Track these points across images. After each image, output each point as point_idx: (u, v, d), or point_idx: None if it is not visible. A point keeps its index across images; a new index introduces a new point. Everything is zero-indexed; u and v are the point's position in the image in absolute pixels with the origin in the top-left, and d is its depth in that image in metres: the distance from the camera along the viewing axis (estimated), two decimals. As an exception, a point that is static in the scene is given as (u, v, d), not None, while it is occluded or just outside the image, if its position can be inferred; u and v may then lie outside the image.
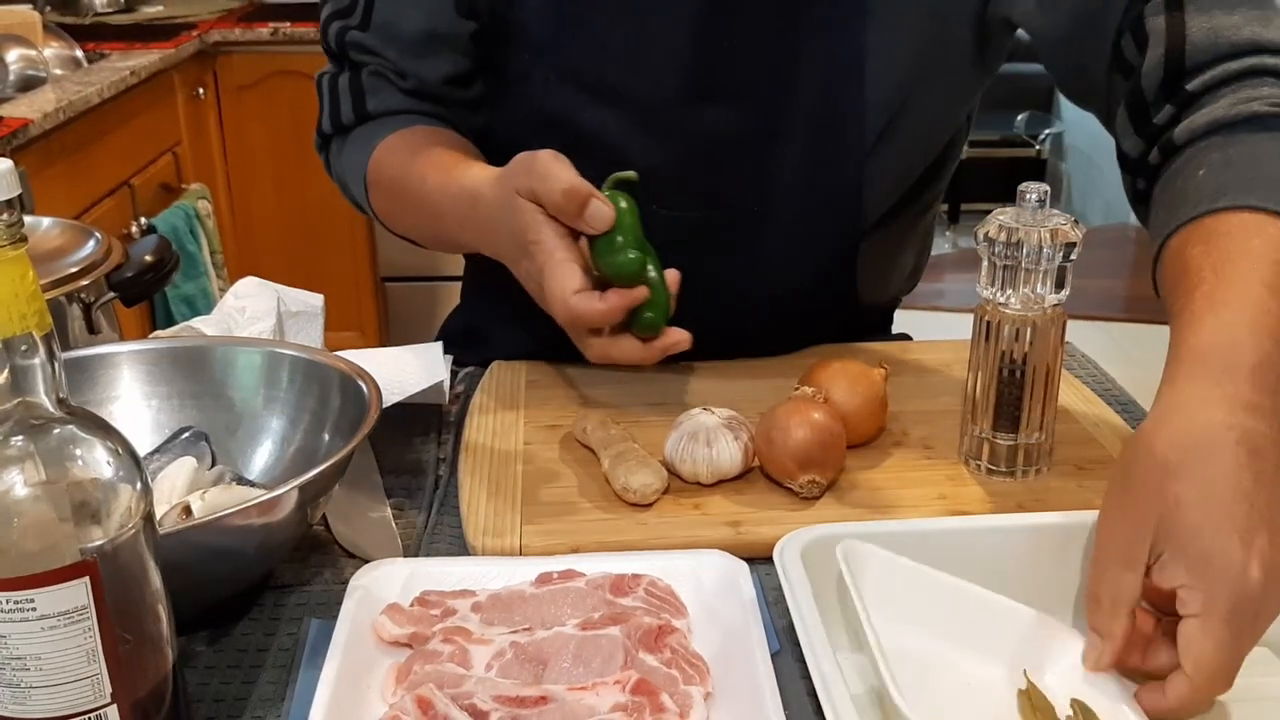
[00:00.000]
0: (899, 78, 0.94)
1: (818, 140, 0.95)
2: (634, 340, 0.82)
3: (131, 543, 0.54)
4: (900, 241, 1.09)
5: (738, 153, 0.96)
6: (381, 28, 0.97)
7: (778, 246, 1.00)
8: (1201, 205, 0.72)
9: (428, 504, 0.86)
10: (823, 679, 0.59)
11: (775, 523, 0.78)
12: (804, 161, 0.96)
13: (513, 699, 0.61)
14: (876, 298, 1.11)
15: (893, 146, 0.97)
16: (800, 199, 0.97)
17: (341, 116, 1.01)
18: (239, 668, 0.69)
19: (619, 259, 0.79)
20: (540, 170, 0.79)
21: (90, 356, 0.84)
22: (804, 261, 1.01)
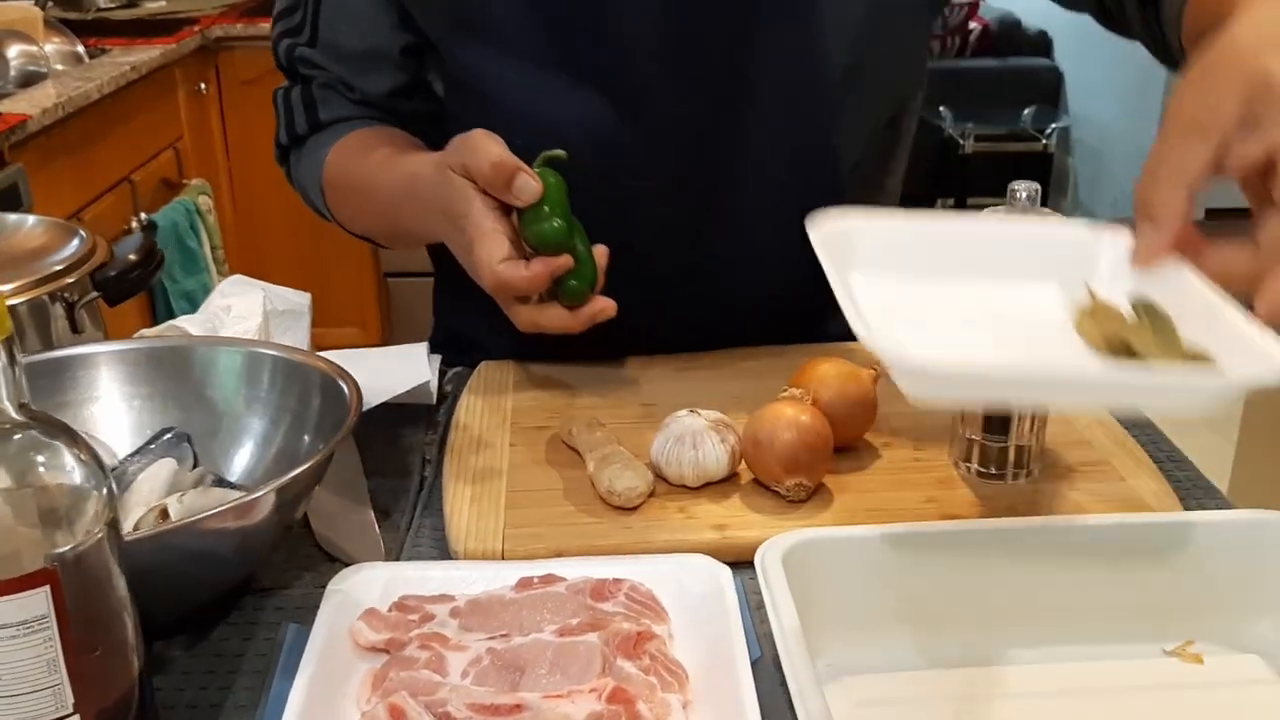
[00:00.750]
0: (858, 31, 0.95)
1: (784, 102, 0.96)
2: (561, 308, 0.85)
3: (96, 550, 0.53)
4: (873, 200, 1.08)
5: (710, 124, 0.96)
6: (326, 45, 1.02)
7: (752, 209, 1.00)
8: None
9: (411, 506, 0.85)
10: (799, 688, 0.58)
11: (761, 526, 0.77)
12: (770, 126, 0.96)
13: (487, 707, 0.61)
14: None
15: (861, 96, 0.98)
16: (777, 164, 0.98)
17: (296, 128, 1.05)
18: (215, 673, 0.68)
19: (544, 227, 0.82)
20: (471, 145, 0.83)
21: (71, 357, 0.83)
22: (779, 221, 1.00)
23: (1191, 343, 0.55)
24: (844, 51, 0.95)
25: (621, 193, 0.97)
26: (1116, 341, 0.56)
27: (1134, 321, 0.57)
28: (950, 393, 0.53)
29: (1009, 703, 0.66)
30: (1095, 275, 0.60)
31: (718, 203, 0.99)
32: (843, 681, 0.67)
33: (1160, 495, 0.80)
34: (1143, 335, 0.56)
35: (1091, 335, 0.57)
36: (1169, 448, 0.91)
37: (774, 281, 1.03)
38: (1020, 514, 0.78)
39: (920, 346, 0.54)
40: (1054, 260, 0.61)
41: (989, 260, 0.62)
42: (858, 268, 0.61)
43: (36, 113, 2.05)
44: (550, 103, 0.95)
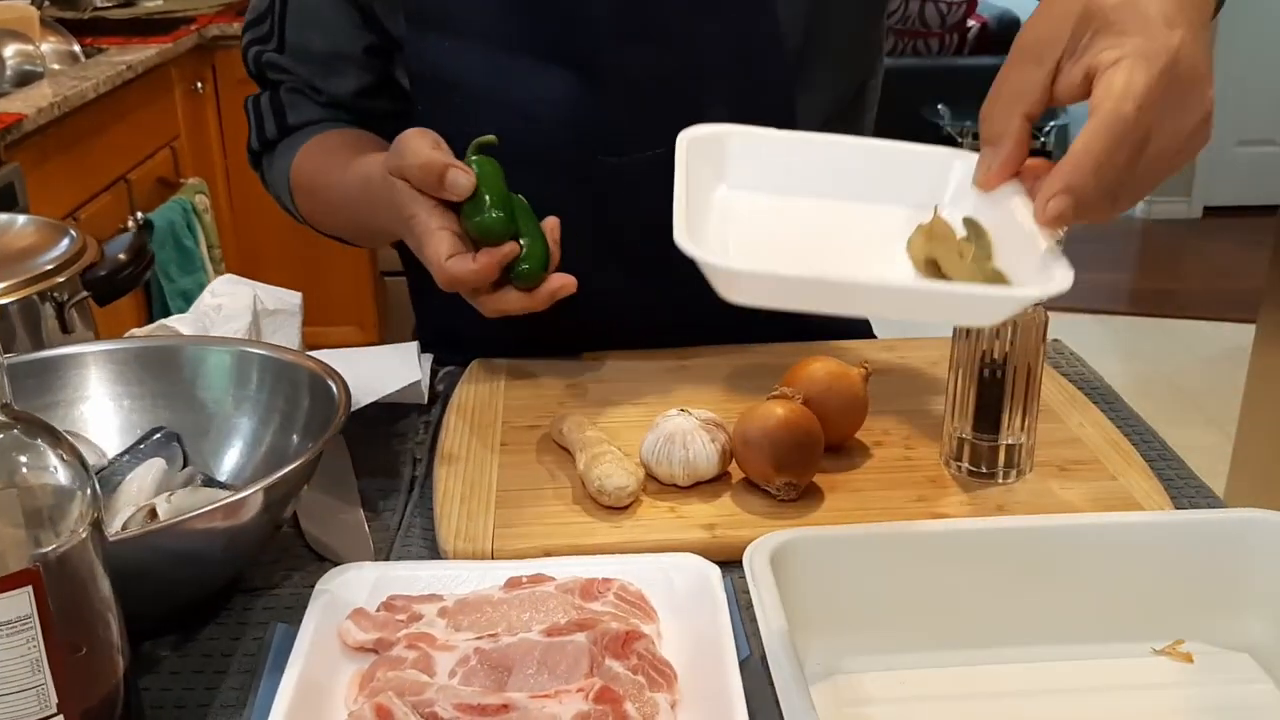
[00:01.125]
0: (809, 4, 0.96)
1: (741, 71, 0.97)
2: (517, 292, 0.87)
3: (79, 550, 0.53)
4: None
5: (667, 93, 0.96)
6: (293, 49, 1.03)
7: None
8: None
9: (402, 505, 0.85)
10: (786, 688, 0.58)
11: (751, 526, 0.77)
12: (732, 95, 0.97)
13: (474, 707, 0.60)
14: None
15: (816, 69, 0.99)
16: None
17: (266, 132, 1.07)
18: (203, 673, 0.68)
19: (484, 219, 0.84)
20: (401, 148, 0.84)
21: (60, 356, 0.83)
22: None
23: (999, 265, 0.59)
24: (797, 20, 0.96)
25: (596, 171, 0.98)
26: (930, 260, 0.59)
27: (961, 241, 0.60)
28: (760, 297, 0.56)
29: (997, 702, 0.66)
30: (944, 196, 0.63)
31: None
32: (831, 680, 0.67)
33: (1151, 494, 0.80)
34: (955, 255, 0.59)
35: (915, 253, 0.60)
36: (1160, 446, 0.91)
37: None
38: (1010, 513, 0.78)
39: (747, 255, 0.58)
40: (911, 181, 0.64)
41: (850, 180, 0.65)
42: (724, 179, 0.64)
43: (32, 112, 2.04)
44: (516, 85, 0.97)
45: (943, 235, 0.60)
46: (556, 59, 0.96)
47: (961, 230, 0.61)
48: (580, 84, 0.96)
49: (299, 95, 1.05)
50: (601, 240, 0.97)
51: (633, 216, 0.97)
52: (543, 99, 0.96)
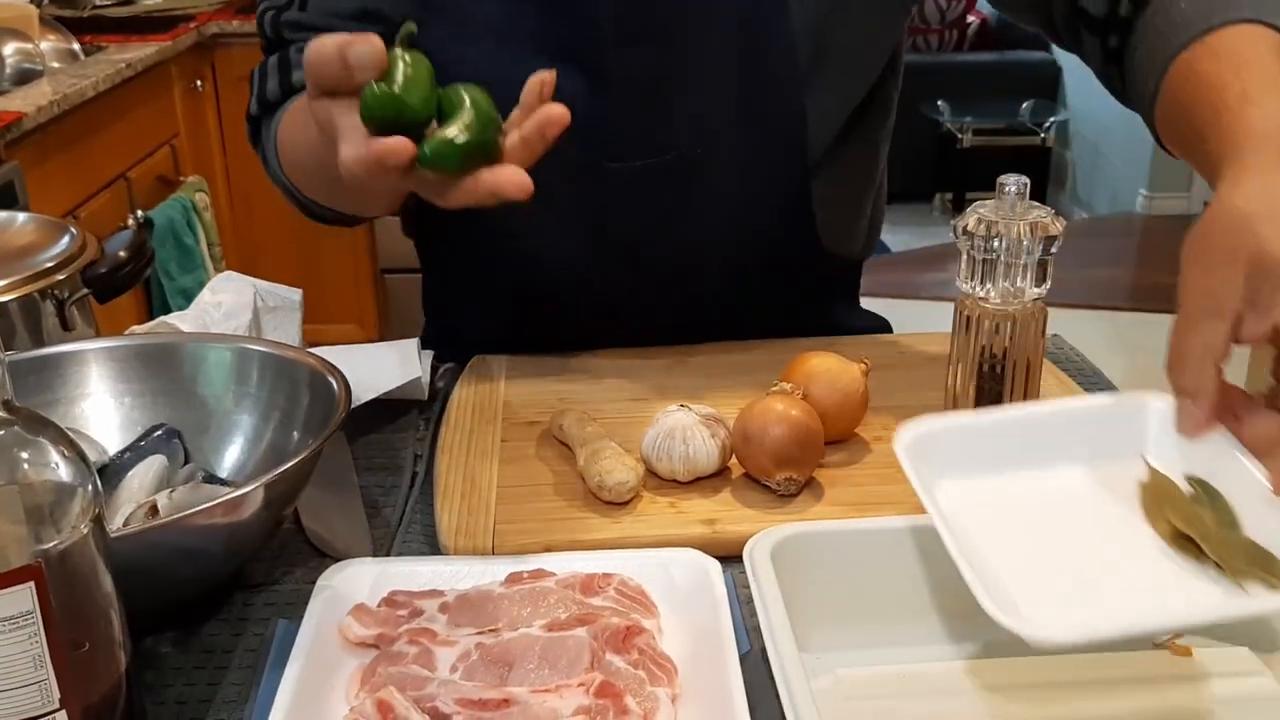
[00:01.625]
0: (820, 7, 0.94)
1: (750, 74, 0.95)
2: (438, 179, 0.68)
3: (81, 546, 0.53)
4: (855, 180, 1.09)
5: (669, 93, 0.95)
6: (318, 6, 0.96)
7: (729, 187, 0.99)
8: (1195, 27, 0.75)
9: (402, 502, 0.85)
10: (786, 682, 0.58)
11: (751, 521, 0.77)
12: (740, 96, 0.96)
13: (475, 701, 0.61)
14: (840, 245, 1.10)
15: (829, 72, 0.97)
16: (742, 135, 0.98)
17: (267, 93, 0.98)
18: (204, 669, 0.68)
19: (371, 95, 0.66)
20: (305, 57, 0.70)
21: (61, 354, 0.83)
22: (759, 202, 1.01)
23: (1249, 532, 0.60)
24: (810, 22, 0.94)
25: (600, 175, 0.97)
26: (1180, 534, 0.60)
27: (1192, 498, 0.61)
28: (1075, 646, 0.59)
29: (997, 695, 0.66)
30: (1147, 445, 0.65)
31: (689, 181, 0.99)
32: (831, 675, 0.67)
33: (1151, 488, 0.80)
34: (1203, 524, 0.60)
35: (1158, 521, 0.61)
36: (1161, 440, 0.91)
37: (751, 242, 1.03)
38: (1010, 507, 0.78)
39: (997, 552, 0.60)
40: (1109, 433, 0.66)
41: (1055, 443, 0.66)
42: (943, 473, 0.65)
43: (32, 110, 2.05)
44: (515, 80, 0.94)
45: (1171, 495, 0.62)
46: (562, 58, 0.93)
47: (1184, 484, 0.62)
48: (586, 85, 0.94)
49: None
50: (603, 242, 0.97)
51: (636, 220, 0.96)
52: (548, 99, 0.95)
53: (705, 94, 0.96)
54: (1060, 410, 0.66)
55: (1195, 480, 0.62)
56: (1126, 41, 0.84)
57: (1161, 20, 0.79)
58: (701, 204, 0.99)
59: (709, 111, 0.96)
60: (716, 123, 0.97)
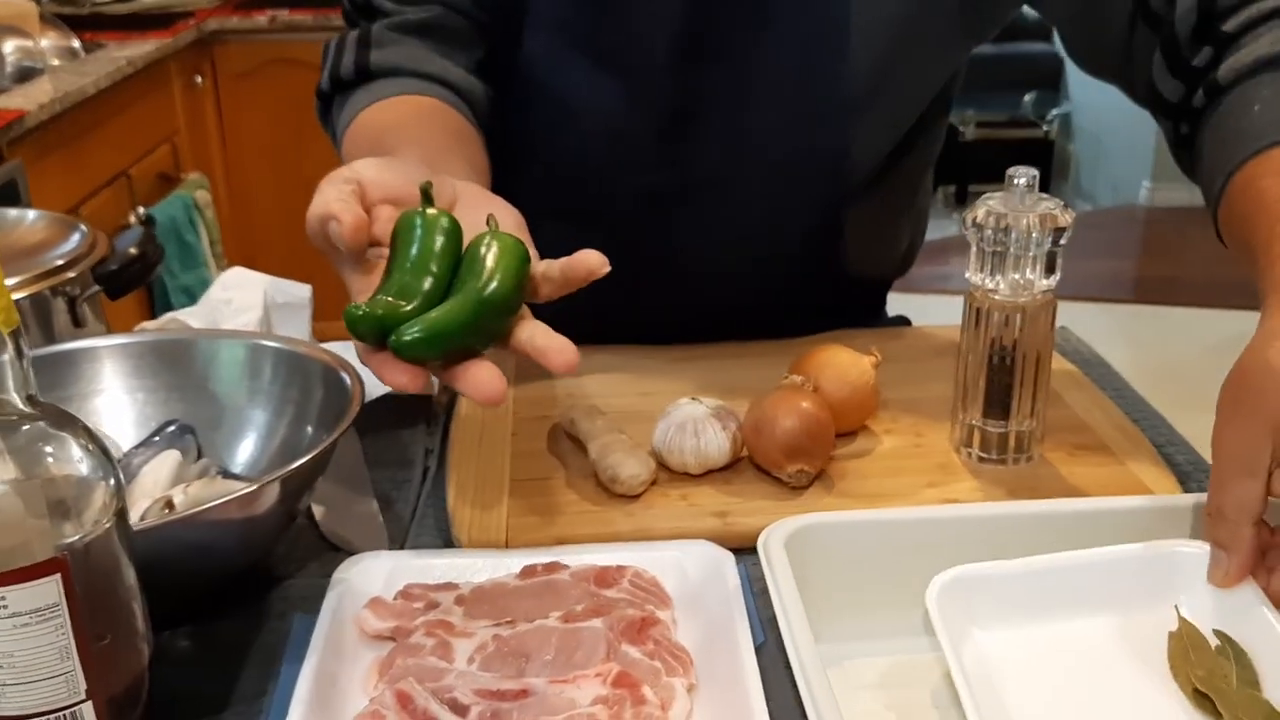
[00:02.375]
0: (882, 46, 0.93)
1: (799, 100, 0.94)
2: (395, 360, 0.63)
3: (105, 539, 0.53)
4: (890, 212, 1.08)
5: (714, 115, 0.95)
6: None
7: (760, 207, 0.99)
8: (1265, 138, 0.73)
9: (414, 496, 0.85)
10: (804, 671, 0.58)
11: (763, 513, 0.78)
12: (782, 124, 0.95)
13: (493, 692, 0.61)
14: (867, 271, 1.10)
15: (878, 110, 0.97)
16: (779, 161, 0.97)
17: (341, 70, 0.93)
18: (221, 662, 0.69)
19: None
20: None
21: (74, 350, 0.84)
22: (790, 224, 1.01)
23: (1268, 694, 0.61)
24: (869, 62, 0.93)
25: (622, 186, 0.97)
26: (1199, 692, 0.61)
27: (1218, 651, 0.63)
28: None
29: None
30: (1180, 597, 0.66)
31: (715, 199, 0.99)
32: (845, 665, 0.67)
33: (1159, 478, 0.81)
34: (1226, 680, 0.61)
35: (1182, 676, 0.63)
36: (1168, 432, 0.91)
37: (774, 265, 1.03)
38: (1021, 498, 0.79)
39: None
40: (1140, 581, 0.67)
41: (1087, 591, 0.67)
42: (973, 622, 0.66)
43: (33, 108, 2.05)
44: (571, 87, 0.93)
45: (1197, 649, 0.63)
46: (611, 67, 0.93)
47: (1212, 638, 0.63)
48: (628, 98, 0.94)
49: (399, 34, 0.91)
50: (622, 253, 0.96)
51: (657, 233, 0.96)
52: (588, 104, 0.94)
53: (748, 117, 0.95)
54: (1093, 559, 0.67)
55: (1223, 635, 0.63)
56: (1197, 132, 0.82)
57: (1233, 122, 0.77)
58: (727, 220, 0.99)
59: (748, 134, 0.96)
60: (754, 146, 0.96)
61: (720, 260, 1.00)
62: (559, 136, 0.95)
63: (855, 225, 1.03)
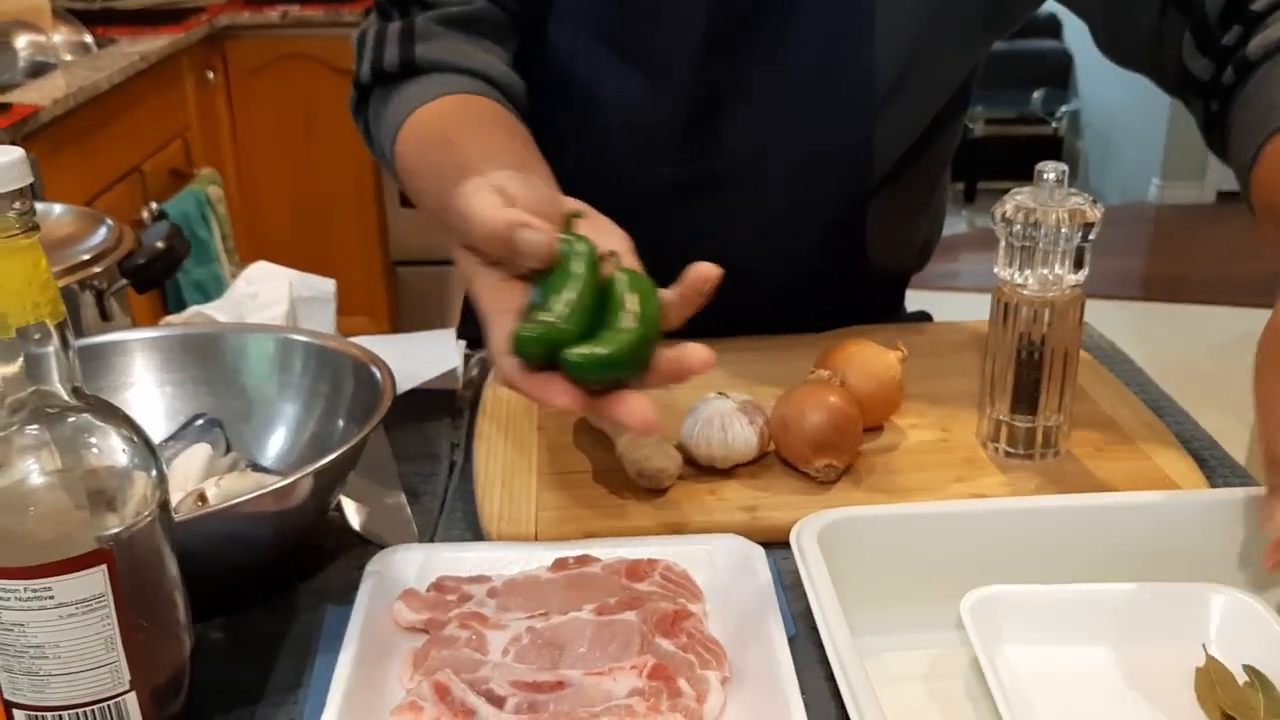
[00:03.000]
0: (906, 43, 0.94)
1: (823, 95, 0.95)
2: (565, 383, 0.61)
3: (148, 530, 0.54)
4: (910, 204, 1.09)
5: (742, 105, 0.96)
6: None
7: (781, 201, 1.00)
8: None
9: (442, 490, 0.85)
10: (841, 663, 0.58)
11: (791, 507, 0.78)
12: (809, 115, 0.96)
13: (529, 684, 0.61)
14: (888, 265, 1.11)
15: (901, 106, 0.97)
16: (803, 153, 0.98)
17: (385, 63, 0.91)
18: (256, 654, 0.69)
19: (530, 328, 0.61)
20: (467, 213, 0.64)
21: (104, 344, 0.84)
22: (811, 219, 1.01)
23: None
24: (894, 55, 0.94)
25: (645, 176, 0.97)
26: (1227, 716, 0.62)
27: (1246, 685, 0.63)
28: None
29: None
30: (1209, 638, 0.66)
31: (737, 190, 1.00)
32: (876, 658, 0.67)
33: (1186, 473, 0.81)
34: (1254, 709, 0.62)
35: (1209, 706, 0.63)
36: (1192, 427, 0.91)
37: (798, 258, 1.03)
38: (1048, 493, 0.79)
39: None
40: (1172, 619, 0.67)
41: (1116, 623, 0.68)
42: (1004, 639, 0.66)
43: (48, 103, 2.05)
44: (594, 77, 0.94)
45: (1224, 681, 0.63)
46: (639, 61, 0.94)
47: (1240, 674, 0.64)
48: (653, 89, 0.94)
49: (442, 28, 0.91)
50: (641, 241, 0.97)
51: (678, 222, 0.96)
52: (614, 96, 0.95)
53: (773, 111, 0.96)
54: (1125, 593, 0.68)
55: (1251, 670, 0.63)
56: (1228, 109, 0.82)
57: (1265, 93, 0.78)
58: (748, 214, 1.00)
59: (772, 128, 0.97)
60: (778, 140, 0.97)
61: (743, 254, 1.00)
62: (585, 129, 0.96)
63: (876, 220, 1.04)
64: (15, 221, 0.49)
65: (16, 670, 0.52)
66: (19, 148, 0.50)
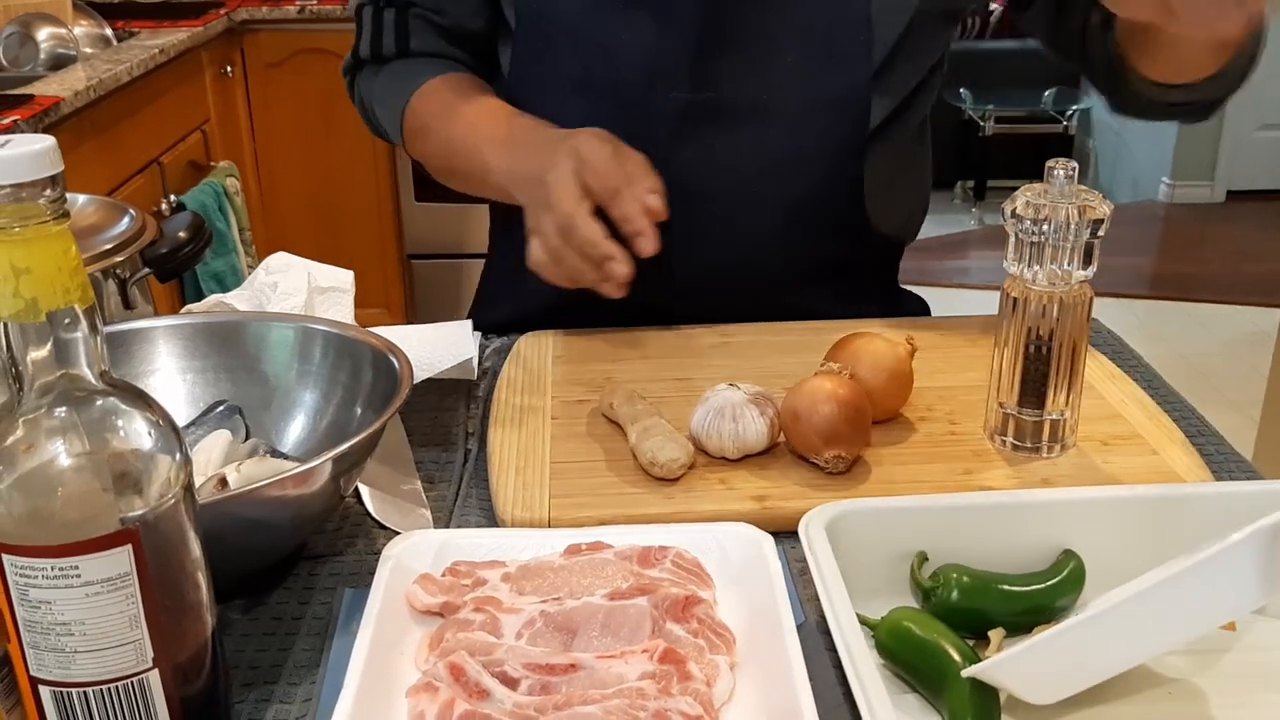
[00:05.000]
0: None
1: (823, 43, 1.01)
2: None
3: (172, 512, 0.55)
4: (901, 161, 1.13)
5: (747, 45, 1.01)
6: None
7: (785, 139, 1.04)
8: None
9: (457, 477, 0.87)
10: (848, 650, 0.60)
11: (800, 497, 0.79)
12: (810, 59, 1.01)
13: (543, 666, 0.63)
14: (882, 226, 1.13)
15: (901, 60, 1.03)
16: (805, 94, 1.03)
17: (383, 47, 1.11)
18: (274, 635, 0.71)
19: None
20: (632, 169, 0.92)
21: (127, 331, 0.85)
22: (813, 160, 1.05)
23: None
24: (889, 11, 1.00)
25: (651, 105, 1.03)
26: None
27: None
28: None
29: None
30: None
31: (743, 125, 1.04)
32: (884, 646, 0.68)
33: (1192, 468, 0.82)
34: None
35: None
36: (1198, 422, 0.92)
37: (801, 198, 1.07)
38: (1056, 486, 0.80)
39: None
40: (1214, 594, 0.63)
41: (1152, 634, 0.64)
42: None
43: (69, 95, 2.07)
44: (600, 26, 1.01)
45: None
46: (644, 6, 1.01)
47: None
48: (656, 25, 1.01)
49: (424, 24, 1.11)
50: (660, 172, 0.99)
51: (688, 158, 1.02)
52: (624, 43, 1.02)
53: (774, 54, 1.01)
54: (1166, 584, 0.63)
55: None
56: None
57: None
58: (754, 152, 1.04)
59: (778, 68, 1.02)
60: (780, 78, 1.02)
61: (750, 189, 1.05)
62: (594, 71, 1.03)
63: (872, 175, 1.07)
64: (46, 208, 0.50)
65: (43, 647, 0.53)
66: (49, 136, 0.51)
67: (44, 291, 0.51)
